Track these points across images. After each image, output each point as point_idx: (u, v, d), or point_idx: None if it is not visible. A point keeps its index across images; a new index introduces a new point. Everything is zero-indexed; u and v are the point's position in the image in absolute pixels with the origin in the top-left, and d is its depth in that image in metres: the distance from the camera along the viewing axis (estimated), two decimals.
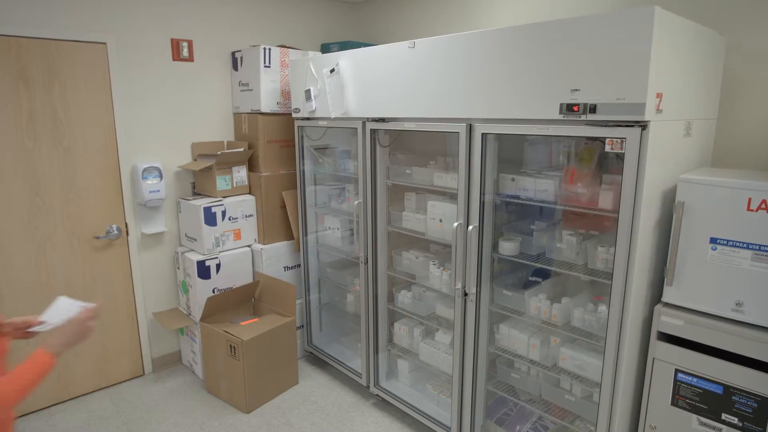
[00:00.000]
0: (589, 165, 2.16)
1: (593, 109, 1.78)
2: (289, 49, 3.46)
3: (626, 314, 1.86)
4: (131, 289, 3.40)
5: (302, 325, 3.69)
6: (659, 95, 1.71)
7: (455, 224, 2.33)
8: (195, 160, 3.55)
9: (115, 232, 3.25)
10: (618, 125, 1.74)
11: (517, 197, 2.26)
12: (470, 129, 2.22)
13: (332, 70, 2.91)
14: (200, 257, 3.29)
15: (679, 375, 1.88)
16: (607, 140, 1.77)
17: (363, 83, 2.72)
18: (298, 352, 3.63)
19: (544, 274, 2.46)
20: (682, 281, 1.86)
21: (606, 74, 1.73)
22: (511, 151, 2.43)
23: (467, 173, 2.27)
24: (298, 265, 3.68)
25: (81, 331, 1.48)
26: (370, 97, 2.69)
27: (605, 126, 1.77)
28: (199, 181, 3.53)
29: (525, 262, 2.28)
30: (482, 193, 2.25)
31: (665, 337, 1.92)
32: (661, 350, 1.92)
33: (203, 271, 3.29)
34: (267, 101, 3.42)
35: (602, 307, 2.12)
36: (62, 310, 1.55)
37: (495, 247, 2.38)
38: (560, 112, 1.88)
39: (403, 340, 3.06)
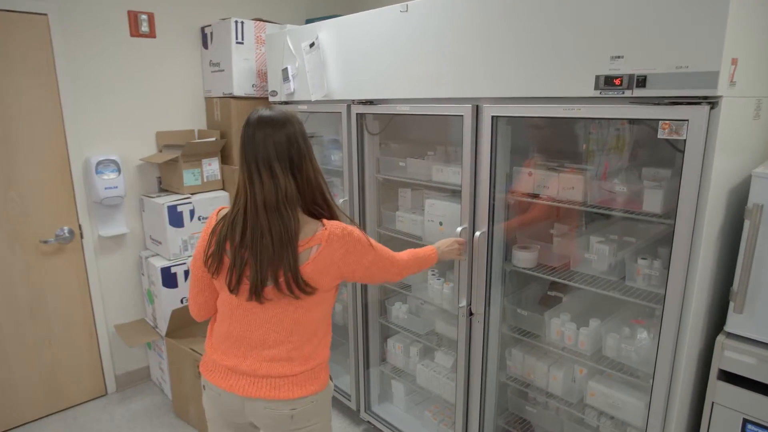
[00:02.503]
0: (629, 156, 1.73)
1: (642, 81, 1.34)
2: (266, 23, 3.01)
3: (681, 347, 1.44)
4: (89, 299, 2.98)
5: None
6: (734, 61, 1.27)
7: (459, 229, 1.90)
8: (160, 151, 3.11)
9: (67, 234, 2.82)
10: (677, 103, 1.30)
11: (536, 196, 1.83)
12: (477, 111, 1.78)
13: (312, 45, 2.46)
14: (165, 263, 2.87)
15: (749, 427, 1.46)
16: (661, 123, 1.33)
17: (347, 59, 2.27)
18: None
19: (567, 290, 2.03)
20: (756, 308, 1.43)
21: (661, 34, 1.29)
22: (529, 140, 1.99)
23: (473, 167, 1.83)
24: None
25: (457, 250, 1.88)
26: (355, 75, 2.25)
27: (658, 105, 1.33)
28: (165, 175, 3.10)
29: (544, 276, 1.85)
30: (492, 191, 1.81)
31: (729, 376, 1.50)
32: (723, 393, 1.50)
33: (168, 278, 2.87)
34: (240, 83, 2.97)
35: (642, 334, 1.70)
36: None
37: (507, 256, 1.95)
38: (596, 87, 1.44)
39: (397, 359, 2.64)
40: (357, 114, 2.29)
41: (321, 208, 1.39)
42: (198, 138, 3.24)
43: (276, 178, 1.28)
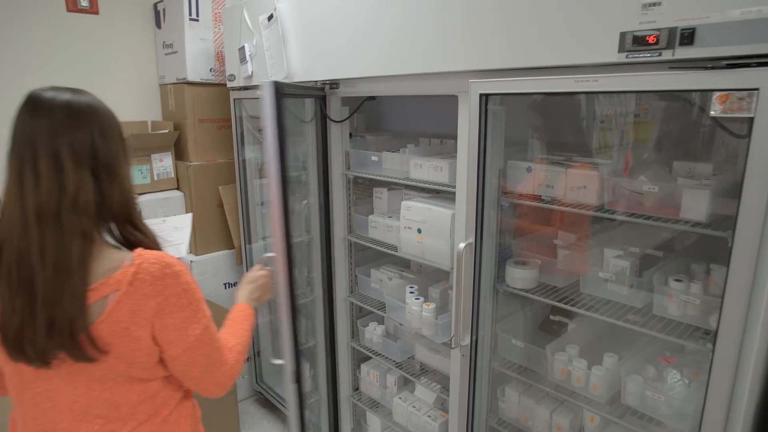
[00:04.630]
0: (655, 145, 1.34)
1: (688, 37, 0.95)
2: None
3: (738, 402, 1.05)
4: None
5: (249, 358, 2.87)
6: None
7: (268, 255, 1.52)
8: None
9: None
10: (741, 65, 0.91)
11: (537, 197, 1.44)
12: (461, 89, 1.40)
13: (270, 17, 2.07)
14: None
15: None
16: (714, 97, 0.95)
17: (309, 32, 1.88)
18: (240, 392, 2.82)
19: (574, 314, 1.64)
20: None
21: None
22: (528, 126, 1.60)
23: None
24: None
25: (264, 290, 1.37)
26: (318, 51, 1.86)
27: (713, 69, 0.94)
28: None
29: (547, 301, 1.46)
30: (480, 192, 1.42)
31: None
32: None
33: None
34: (196, 66, 2.58)
35: (674, 377, 1.31)
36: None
37: (499, 274, 1.56)
38: (621, 50, 1.05)
39: (372, 388, 2.25)
40: (316, 97, 1.89)
41: (139, 232, 0.96)
42: (152, 131, 2.84)
43: (62, 174, 0.84)
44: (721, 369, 1.03)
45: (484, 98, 1.34)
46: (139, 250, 0.91)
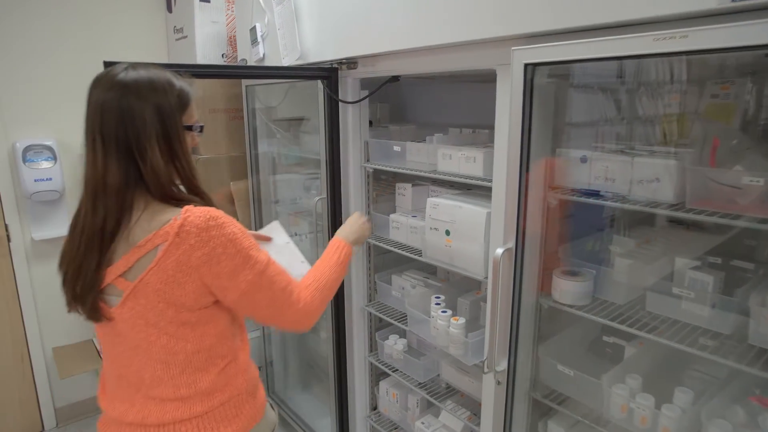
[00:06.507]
0: (746, 127, 1.06)
1: None
2: None
3: None
4: (19, 315, 2.43)
5: (260, 367, 2.66)
6: None
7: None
8: None
9: None
10: None
11: (595, 193, 1.17)
12: (501, 60, 1.14)
13: None
14: None
15: None
16: None
17: (323, 5, 1.66)
18: None
19: (631, 335, 1.36)
20: None
21: None
22: (581, 105, 1.32)
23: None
24: None
25: (363, 230, 1.41)
26: (332, 26, 1.63)
27: None
28: None
29: (605, 321, 1.19)
30: (523, 186, 1.16)
31: None
32: None
33: None
34: (206, 52, 2.39)
35: None
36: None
37: (544, 286, 1.29)
38: None
39: (392, 409, 2.00)
40: (323, 78, 1.66)
41: (183, 200, 1.00)
42: None
43: (95, 157, 0.95)
44: None
45: (530, 69, 1.09)
46: (188, 206, 0.96)
